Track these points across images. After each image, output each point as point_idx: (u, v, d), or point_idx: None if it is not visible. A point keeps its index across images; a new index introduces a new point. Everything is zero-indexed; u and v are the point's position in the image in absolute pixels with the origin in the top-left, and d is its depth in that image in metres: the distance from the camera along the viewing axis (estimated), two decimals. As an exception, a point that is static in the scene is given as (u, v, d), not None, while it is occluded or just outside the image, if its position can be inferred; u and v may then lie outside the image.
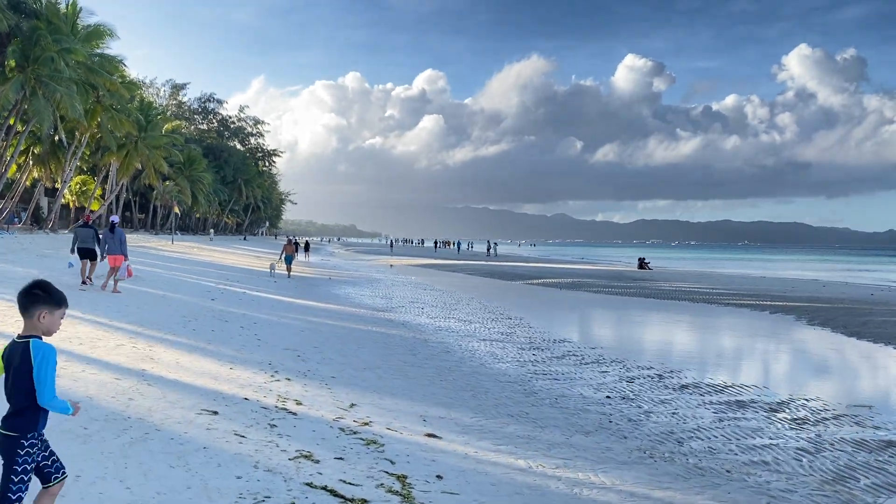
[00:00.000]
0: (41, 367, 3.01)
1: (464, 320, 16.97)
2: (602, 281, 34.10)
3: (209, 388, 7.20)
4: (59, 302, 3.17)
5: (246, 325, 12.35)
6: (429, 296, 23.88)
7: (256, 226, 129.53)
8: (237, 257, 41.78)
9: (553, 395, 8.95)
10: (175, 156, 62.19)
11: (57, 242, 31.69)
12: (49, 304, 3.13)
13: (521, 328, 15.85)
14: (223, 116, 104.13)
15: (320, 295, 21.97)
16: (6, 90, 34.72)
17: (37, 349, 3.03)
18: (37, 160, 48.93)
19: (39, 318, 3.10)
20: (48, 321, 3.12)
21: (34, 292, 3.12)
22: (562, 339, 14.23)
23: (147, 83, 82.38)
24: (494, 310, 19.71)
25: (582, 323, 18.88)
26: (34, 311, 3.10)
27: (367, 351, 11.30)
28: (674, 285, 31.94)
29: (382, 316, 17.08)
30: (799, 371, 12.41)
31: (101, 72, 41.80)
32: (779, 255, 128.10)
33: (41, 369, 3.01)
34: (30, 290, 3.14)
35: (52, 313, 3.13)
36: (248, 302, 16.78)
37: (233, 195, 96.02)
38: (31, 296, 3.12)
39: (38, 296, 3.12)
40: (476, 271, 42.07)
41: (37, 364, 3.01)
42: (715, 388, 9.98)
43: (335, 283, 27.60)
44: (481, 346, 12.91)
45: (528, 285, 30.89)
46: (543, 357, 11.95)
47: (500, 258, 70.54)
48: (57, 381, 6.57)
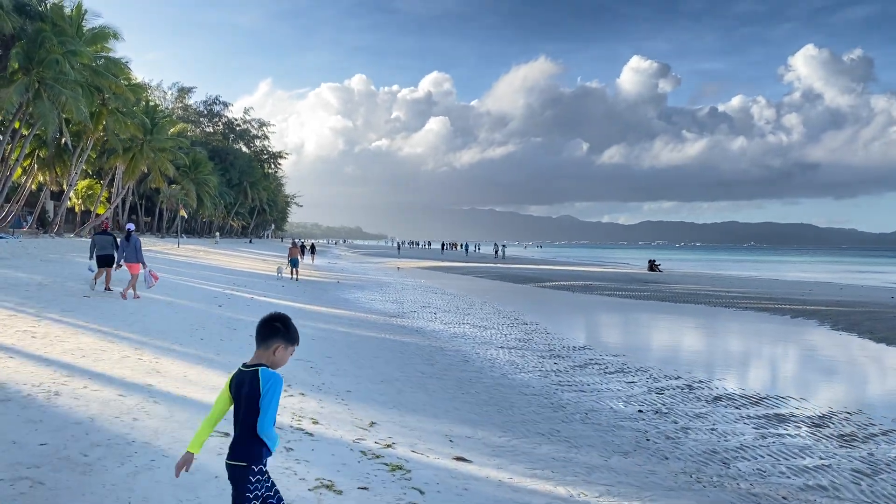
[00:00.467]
0: (267, 395, 3.03)
1: (478, 326, 16.48)
2: (614, 283, 33.56)
3: (219, 406, 6.72)
4: (294, 339, 3.23)
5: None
6: (440, 300, 23.39)
7: (262, 228, 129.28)
8: (243, 261, 41.39)
9: (582, 409, 8.46)
10: (181, 159, 61.92)
11: (62, 247, 31.35)
12: (286, 340, 3.18)
13: (538, 334, 15.35)
14: (229, 119, 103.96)
15: (330, 300, 21.51)
16: (10, 93, 34.37)
17: (266, 377, 3.07)
18: (42, 164, 48.66)
19: (274, 350, 3.16)
20: (280, 355, 3.18)
21: (275, 325, 3.19)
22: (581, 346, 13.73)
23: (153, 86, 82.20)
24: (509, 314, 19.21)
25: (600, 328, 18.36)
26: (271, 343, 3.17)
27: (383, 361, 10.81)
28: (688, 288, 31.37)
29: (395, 322, 16.60)
30: (834, 380, 11.86)
31: (106, 74, 41.46)
32: (787, 257, 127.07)
33: (267, 397, 3.03)
34: (271, 321, 3.21)
35: (286, 349, 3.19)
36: (257, 308, 16.31)
37: (238, 198, 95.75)
38: (271, 328, 3.19)
39: (278, 329, 3.18)
40: (485, 274, 41.57)
41: (265, 391, 3.04)
42: (749, 399, 9.46)
43: (344, 288, 27.14)
44: (500, 354, 12.42)
45: (539, 288, 30.37)
46: (565, 366, 11.45)
47: (508, 260, 70.01)
48: (56, 399, 6.12)
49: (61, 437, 5.19)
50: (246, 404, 3.08)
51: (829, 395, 10.40)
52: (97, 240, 15.40)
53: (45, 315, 10.80)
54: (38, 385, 6.61)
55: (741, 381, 10.99)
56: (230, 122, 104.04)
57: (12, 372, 7.03)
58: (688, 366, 12.16)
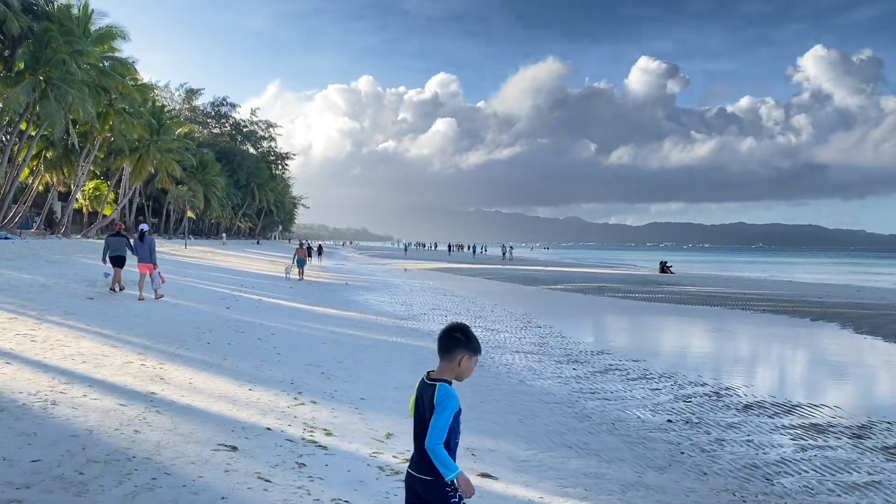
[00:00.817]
0: (439, 412, 2.96)
1: (491, 329, 16.04)
2: (626, 285, 33.06)
3: (226, 416, 6.33)
4: (477, 349, 3.14)
5: (264, 337, 11.49)
6: (450, 302, 22.97)
7: (269, 230, 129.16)
8: (251, 262, 41.07)
9: (608, 418, 8.02)
10: (188, 160, 61.72)
11: (67, 248, 31.08)
12: (469, 350, 3.10)
13: (553, 338, 14.91)
14: (236, 120, 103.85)
15: (338, 302, 21.12)
16: (17, 93, 34.18)
17: (441, 393, 3.00)
18: (49, 165, 48.51)
19: (459, 362, 3.08)
20: (465, 366, 3.10)
21: (455, 335, 3.10)
22: (599, 351, 13.28)
23: (160, 87, 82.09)
24: (521, 317, 18.77)
25: (616, 332, 17.88)
26: (455, 355, 3.08)
27: (396, 366, 10.40)
28: (702, 290, 30.85)
29: (406, 325, 16.19)
30: (865, 386, 11.38)
31: (113, 74, 41.28)
32: (796, 258, 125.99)
33: (439, 414, 2.96)
34: (451, 332, 3.12)
35: (470, 359, 3.11)
36: (265, 310, 15.94)
37: (246, 199, 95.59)
38: (452, 339, 3.10)
39: (460, 340, 3.09)
40: (494, 275, 41.13)
41: (438, 407, 2.97)
42: (781, 407, 9.00)
43: (353, 289, 26.75)
44: (516, 359, 11.98)
45: (550, 290, 29.90)
46: (585, 372, 11.01)
47: (516, 261, 69.54)
48: (54, 409, 5.72)
49: (56, 452, 4.80)
50: (419, 417, 3.06)
51: (863, 402, 9.93)
52: (110, 241, 15.44)
53: (46, 318, 10.43)
54: (34, 393, 6.22)
55: (770, 387, 10.53)
56: (237, 123, 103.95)
57: (9, 379, 6.64)
58: (712, 371, 11.71)
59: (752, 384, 10.53)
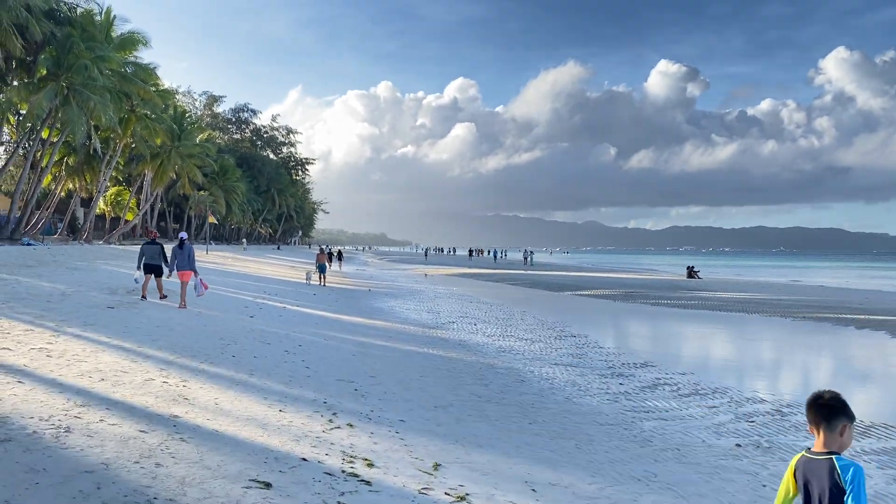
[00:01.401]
0: (856, 494, 2.70)
1: (524, 339, 15.35)
2: (656, 291, 32.17)
3: (257, 444, 5.71)
4: (854, 415, 2.95)
5: (291, 349, 10.90)
6: (477, 309, 22.29)
7: (289, 235, 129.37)
8: (272, 267, 40.71)
9: (671, 443, 7.30)
10: (209, 165, 61.69)
11: (89, 254, 30.84)
12: (850, 418, 2.91)
13: (591, 349, 14.19)
14: (256, 126, 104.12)
15: (363, 309, 20.54)
16: (40, 98, 34.08)
17: (846, 469, 2.75)
18: (71, 171, 48.58)
19: (841, 431, 2.88)
20: (847, 436, 2.90)
21: (835, 404, 2.89)
22: (642, 363, 12.54)
23: (182, 92, 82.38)
24: (553, 326, 18.05)
25: (655, 341, 17.08)
26: (836, 424, 2.88)
27: (432, 381, 9.75)
28: (735, 296, 29.89)
29: (435, 334, 15.54)
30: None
31: (134, 80, 41.16)
32: (820, 262, 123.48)
33: (857, 496, 2.70)
34: (830, 401, 2.90)
35: (852, 428, 2.93)
36: (290, 319, 15.38)
37: (266, 204, 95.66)
38: (833, 408, 2.89)
39: (841, 408, 2.90)
40: (518, 281, 40.38)
41: (850, 487, 2.71)
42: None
43: (376, 296, 26.18)
44: (556, 372, 11.28)
45: (578, 297, 29.12)
46: (633, 387, 10.29)
47: (538, 267, 68.68)
48: (67, 438, 5.13)
49: (67, 493, 4.20)
50: (827, 499, 2.76)
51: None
52: (145, 249, 15.23)
53: (64, 329, 9.91)
54: (46, 419, 5.64)
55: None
56: (258, 129, 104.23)
57: (19, 401, 6.08)
58: (767, 386, 10.94)
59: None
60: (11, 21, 30.69)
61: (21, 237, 37.58)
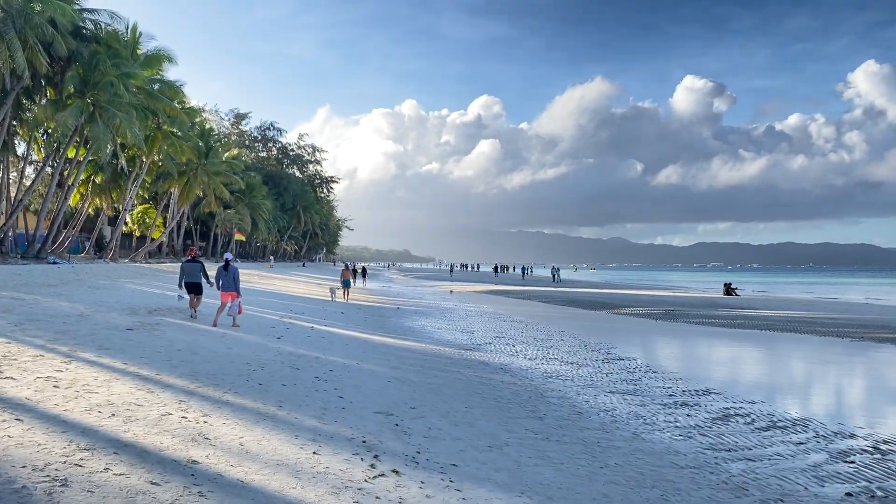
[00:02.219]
0: None
1: (569, 362, 14.28)
2: (696, 309, 30.82)
3: (290, 498, 4.76)
4: None
5: (322, 375, 9.98)
6: (512, 329, 21.23)
7: (314, 252, 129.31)
8: (298, 285, 40.02)
9: (770, 492, 6.21)
10: (236, 182, 61.54)
11: (114, 272, 30.37)
12: None
13: (643, 373, 13.08)
14: (283, 144, 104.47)
15: (394, 328, 19.61)
16: (66, 116, 33.91)
17: None
18: (98, 189, 48.57)
19: None
20: None
21: None
22: (704, 390, 11.42)
23: (208, 110, 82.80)
24: (597, 347, 16.95)
25: (711, 364, 15.85)
26: None
27: (480, 413, 8.74)
28: (781, 314, 28.46)
29: (473, 357, 14.53)
30: None
31: (160, 97, 40.99)
32: (853, 278, 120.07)
33: None
34: None
35: None
36: (319, 341, 14.48)
37: (291, 222, 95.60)
38: None
39: None
40: (549, 299, 39.20)
41: None
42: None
43: (406, 314, 25.24)
44: (614, 402, 10.21)
45: (616, 315, 27.90)
46: (703, 419, 9.19)
47: (568, 283, 67.32)
48: (62, 495, 4.18)
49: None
50: None
51: None
52: (186, 267, 15.31)
53: (77, 355, 9.09)
54: (41, 468, 4.76)
55: (938, 441, 8.56)
56: (284, 147, 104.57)
57: (13, 445, 5.21)
58: (851, 417, 9.78)
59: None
60: (38, 38, 30.59)
61: (47, 255, 37.37)
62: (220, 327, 14.07)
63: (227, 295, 14.74)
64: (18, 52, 29.67)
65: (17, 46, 29.63)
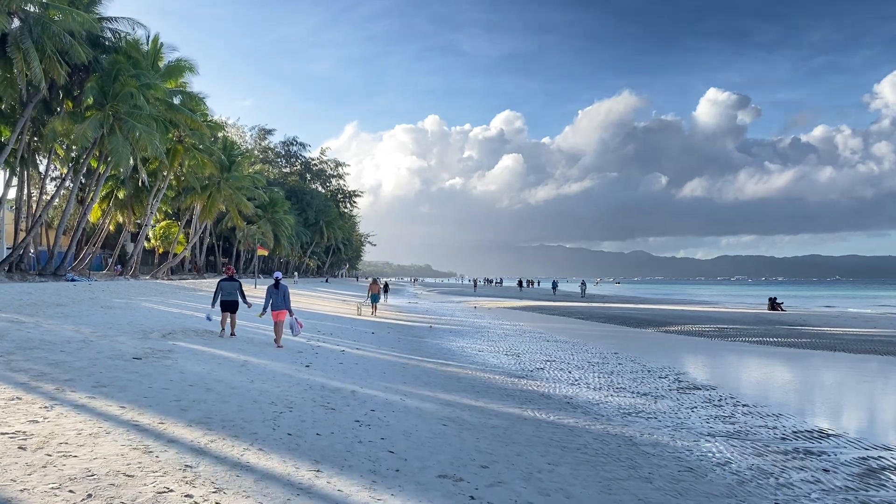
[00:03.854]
0: None
1: (640, 393, 12.35)
2: (748, 326, 28.62)
3: None
4: None
5: (363, 418, 8.19)
6: (559, 350, 19.29)
7: (337, 267, 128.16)
8: (323, 301, 38.42)
9: None
10: (259, 197, 60.34)
11: (132, 290, 28.95)
12: None
13: (734, 407, 11.11)
14: (306, 159, 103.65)
15: (431, 351, 17.79)
16: (84, 128, 32.75)
17: None
18: (120, 204, 47.54)
19: None
20: None
21: None
22: (819, 431, 9.44)
23: (230, 125, 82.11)
24: (662, 372, 14.99)
25: (803, 394, 13.66)
26: None
27: (569, 471, 6.86)
28: (846, 332, 26.18)
29: (529, 387, 12.65)
30: None
31: (182, 109, 39.83)
32: (886, 291, 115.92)
33: None
34: None
35: None
36: (352, 368, 12.72)
37: (314, 237, 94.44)
38: None
39: None
40: (587, 315, 37.15)
41: None
42: None
43: (440, 334, 23.41)
44: (723, 450, 8.26)
45: (665, 334, 25.81)
46: (847, 477, 7.24)
47: (596, 298, 65.06)
48: None
49: None
50: None
51: None
52: (223, 285, 15.15)
53: (64, 396, 7.40)
54: None
55: None
56: (307, 162, 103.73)
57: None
58: None
59: None
60: (56, 47, 29.48)
61: (66, 273, 36.17)
62: (237, 353, 12.38)
63: (280, 314, 14.67)
64: (35, 62, 28.56)
65: (34, 56, 28.52)
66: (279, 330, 14.73)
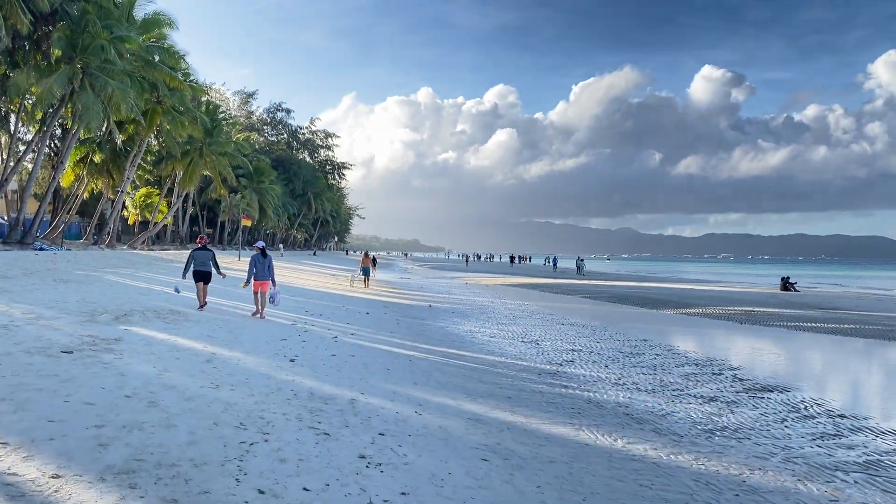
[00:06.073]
0: None
1: (705, 398, 10.01)
2: (772, 309, 26.42)
3: None
4: None
5: (369, 450, 5.77)
6: (580, 336, 16.91)
7: (325, 240, 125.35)
8: (311, 276, 35.94)
9: None
10: (244, 164, 57.36)
11: (101, 260, 26.31)
12: None
13: (833, 420, 8.81)
14: (293, 128, 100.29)
15: (437, 336, 15.40)
16: (50, 83, 29.78)
17: None
18: (95, 169, 44.45)
19: None
20: None
21: None
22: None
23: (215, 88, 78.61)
24: (713, 366, 12.67)
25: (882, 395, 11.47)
26: None
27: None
28: (873, 315, 24.03)
29: (568, 389, 10.25)
30: None
31: (160, 66, 36.80)
32: (873, 271, 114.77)
33: None
34: None
35: None
36: (348, 362, 10.29)
37: (302, 209, 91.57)
38: None
39: None
40: (592, 294, 34.88)
41: None
42: None
43: (441, 314, 21.01)
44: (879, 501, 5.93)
45: (688, 317, 23.50)
46: None
47: (594, 276, 62.89)
48: None
49: None
50: None
51: None
52: (196, 255, 14.73)
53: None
54: None
55: None
56: (294, 130, 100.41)
57: None
58: None
59: None
60: (15, -10, 26.44)
61: (33, 241, 33.37)
62: (203, 342, 9.90)
63: (263, 284, 14.43)
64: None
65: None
66: (263, 300, 14.39)
